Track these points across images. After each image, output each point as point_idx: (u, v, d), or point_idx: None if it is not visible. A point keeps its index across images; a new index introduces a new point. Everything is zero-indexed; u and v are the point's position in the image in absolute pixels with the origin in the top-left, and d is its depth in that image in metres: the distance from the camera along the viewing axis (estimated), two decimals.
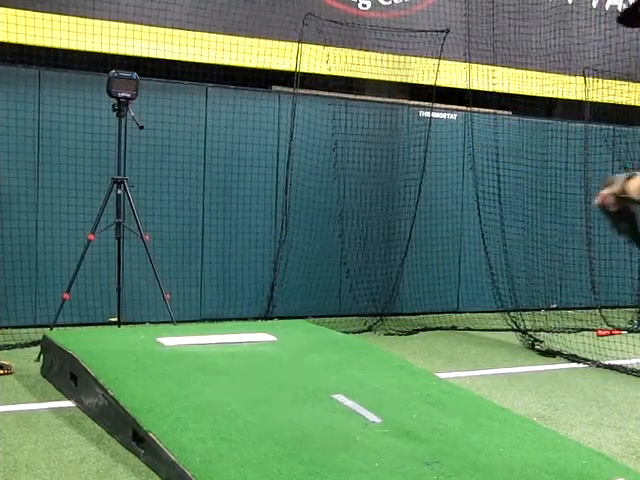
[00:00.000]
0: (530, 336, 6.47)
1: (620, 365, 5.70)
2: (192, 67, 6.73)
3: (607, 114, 8.12)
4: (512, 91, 7.90)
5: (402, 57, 7.49)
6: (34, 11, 6.07)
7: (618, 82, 8.10)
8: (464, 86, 7.46)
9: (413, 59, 7.53)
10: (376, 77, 7.54)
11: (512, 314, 6.82)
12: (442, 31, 7.21)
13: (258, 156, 6.99)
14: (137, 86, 5.49)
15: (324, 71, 7.11)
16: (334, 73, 7.14)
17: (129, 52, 6.44)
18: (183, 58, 6.65)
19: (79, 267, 5.44)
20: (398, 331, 6.85)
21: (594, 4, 8.36)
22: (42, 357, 4.87)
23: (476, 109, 7.63)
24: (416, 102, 7.75)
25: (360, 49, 7.33)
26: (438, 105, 7.59)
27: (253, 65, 6.98)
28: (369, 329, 6.85)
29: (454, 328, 7.16)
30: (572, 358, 5.93)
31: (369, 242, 7.39)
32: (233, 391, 3.73)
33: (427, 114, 7.47)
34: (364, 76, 7.45)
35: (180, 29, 6.61)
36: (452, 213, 7.89)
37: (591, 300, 7.79)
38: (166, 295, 5.60)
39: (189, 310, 6.69)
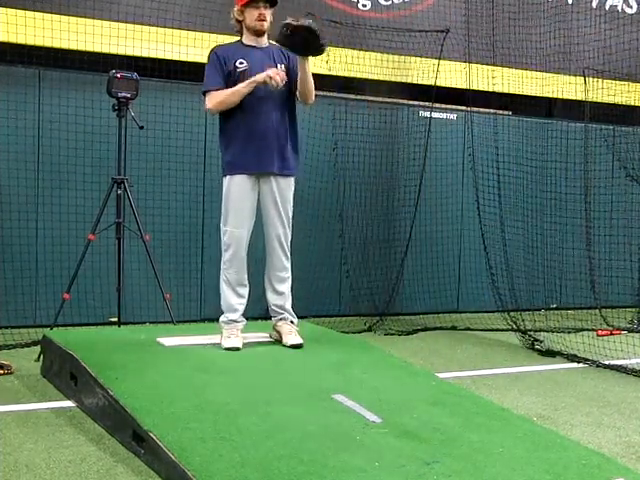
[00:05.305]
0: (530, 336, 6.46)
1: (620, 365, 5.70)
2: (192, 67, 6.72)
3: (607, 114, 8.13)
4: (512, 91, 7.90)
5: (402, 57, 7.50)
6: (34, 11, 6.07)
7: (618, 82, 8.10)
8: (464, 86, 7.46)
9: (413, 59, 7.54)
10: (376, 77, 7.54)
11: (512, 314, 6.81)
12: (442, 31, 7.21)
13: None
14: (137, 86, 5.49)
15: (324, 71, 7.10)
16: (334, 73, 7.14)
17: (129, 52, 6.44)
18: (183, 58, 6.64)
19: (79, 267, 5.44)
20: (398, 331, 6.85)
21: (594, 4, 8.36)
22: (42, 357, 4.87)
23: (476, 109, 7.64)
24: (416, 102, 7.75)
25: (360, 49, 7.34)
26: (438, 105, 7.59)
27: None
28: (369, 329, 6.85)
29: (454, 328, 7.17)
30: (572, 358, 5.93)
31: (369, 242, 7.39)
32: (233, 391, 3.73)
33: (427, 114, 7.47)
34: (364, 76, 7.45)
35: (180, 29, 6.61)
36: (452, 213, 7.89)
37: (591, 300, 7.78)
38: (166, 295, 5.61)
39: (189, 310, 6.69)
